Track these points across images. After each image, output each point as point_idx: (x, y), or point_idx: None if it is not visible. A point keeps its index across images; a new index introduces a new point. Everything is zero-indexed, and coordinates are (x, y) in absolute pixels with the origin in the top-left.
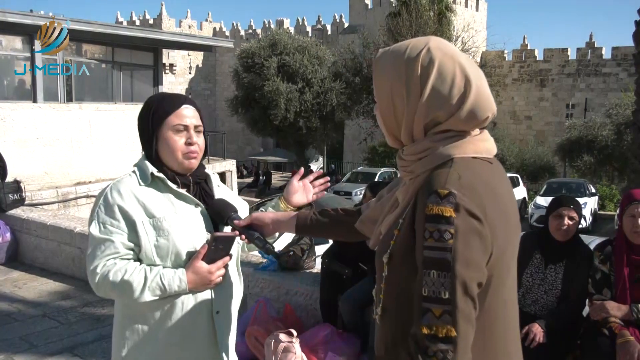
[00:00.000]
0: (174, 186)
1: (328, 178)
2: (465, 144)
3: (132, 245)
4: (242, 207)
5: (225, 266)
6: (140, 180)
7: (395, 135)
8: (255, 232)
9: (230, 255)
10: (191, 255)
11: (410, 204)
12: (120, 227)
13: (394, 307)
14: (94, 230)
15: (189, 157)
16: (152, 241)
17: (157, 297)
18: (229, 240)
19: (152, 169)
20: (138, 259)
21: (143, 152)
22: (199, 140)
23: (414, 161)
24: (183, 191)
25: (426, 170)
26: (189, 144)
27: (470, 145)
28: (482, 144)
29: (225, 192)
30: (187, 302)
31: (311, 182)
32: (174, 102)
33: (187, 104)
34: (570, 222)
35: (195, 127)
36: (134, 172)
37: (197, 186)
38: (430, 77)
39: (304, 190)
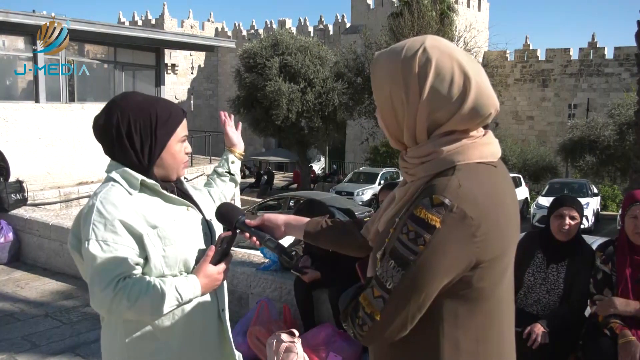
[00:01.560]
0: (164, 191)
1: (232, 115)
2: (469, 150)
3: (139, 259)
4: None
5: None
6: (129, 190)
7: (397, 138)
8: (266, 234)
9: (231, 255)
10: (196, 259)
11: (407, 204)
12: (124, 243)
13: None
14: (95, 249)
15: (185, 167)
16: (160, 252)
17: (174, 308)
18: (232, 240)
19: (140, 176)
20: (143, 272)
21: (123, 161)
22: None
23: (417, 165)
24: (172, 195)
25: (428, 175)
26: (186, 153)
27: (474, 151)
28: (486, 148)
29: (192, 189)
30: (196, 306)
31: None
32: (179, 112)
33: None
34: (572, 222)
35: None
36: (116, 181)
37: (178, 190)
38: (428, 77)
39: (237, 133)
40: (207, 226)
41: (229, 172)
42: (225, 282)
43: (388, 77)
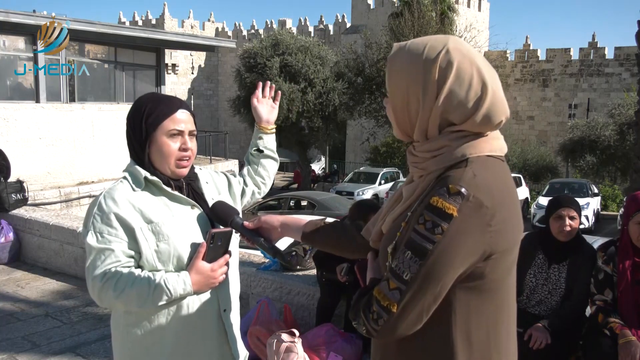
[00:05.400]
0: (168, 189)
1: (269, 82)
2: (480, 143)
3: (132, 252)
4: (235, 190)
5: (227, 263)
6: (133, 186)
7: (404, 130)
8: (260, 237)
9: (230, 252)
10: (190, 256)
11: (420, 198)
12: (118, 235)
13: None
14: (91, 240)
15: (180, 166)
16: (153, 247)
17: (164, 303)
18: (227, 236)
19: (144, 173)
20: (139, 265)
21: (131, 158)
22: (193, 145)
23: (428, 159)
24: (177, 193)
25: (439, 168)
26: (183, 149)
27: (485, 144)
28: (495, 142)
29: (212, 187)
30: (193, 304)
31: (263, 96)
32: (170, 105)
33: (183, 109)
34: (572, 222)
35: (190, 132)
36: (125, 178)
37: (188, 187)
38: (448, 79)
39: (265, 105)
40: (211, 226)
41: (258, 150)
42: (232, 282)
43: (407, 73)
